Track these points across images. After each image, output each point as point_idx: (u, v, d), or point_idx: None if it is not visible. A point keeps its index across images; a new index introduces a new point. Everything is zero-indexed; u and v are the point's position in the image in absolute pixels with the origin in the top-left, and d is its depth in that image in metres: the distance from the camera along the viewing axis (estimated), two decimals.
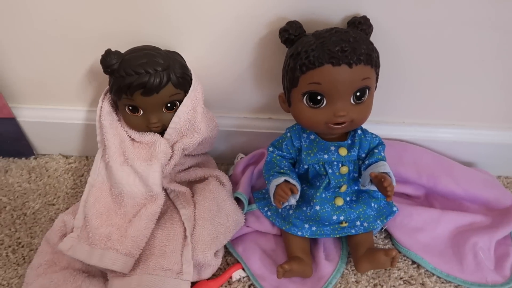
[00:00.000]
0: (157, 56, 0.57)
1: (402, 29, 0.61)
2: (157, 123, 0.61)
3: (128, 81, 0.56)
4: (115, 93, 0.59)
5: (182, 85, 0.60)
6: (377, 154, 0.61)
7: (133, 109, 0.60)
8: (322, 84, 0.53)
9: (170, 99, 0.59)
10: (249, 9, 0.59)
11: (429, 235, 0.66)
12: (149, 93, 0.57)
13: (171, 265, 0.57)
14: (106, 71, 0.58)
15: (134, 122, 0.61)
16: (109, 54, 0.57)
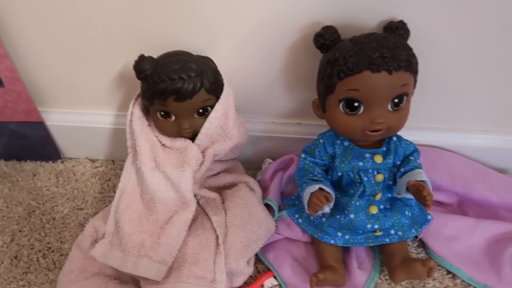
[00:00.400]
0: (190, 62, 0.57)
1: (436, 33, 0.60)
2: (189, 128, 0.60)
3: (161, 87, 0.56)
4: (148, 98, 0.59)
5: (214, 90, 0.59)
6: (413, 162, 0.59)
7: (165, 115, 0.59)
8: (360, 91, 0.52)
9: (202, 104, 0.59)
10: (282, 13, 0.58)
11: (464, 244, 0.65)
12: (182, 99, 0.56)
13: (205, 273, 0.56)
14: (139, 77, 0.58)
15: (166, 128, 0.61)
16: (143, 60, 0.56)
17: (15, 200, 0.74)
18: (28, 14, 0.62)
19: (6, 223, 0.70)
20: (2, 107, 0.71)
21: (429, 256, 0.65)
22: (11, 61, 0.64)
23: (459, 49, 0.62)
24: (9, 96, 0.69)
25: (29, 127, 0.74)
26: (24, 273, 0.64)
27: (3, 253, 0.66)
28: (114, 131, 0.75)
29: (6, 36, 0.64)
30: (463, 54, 0.62)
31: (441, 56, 0.62)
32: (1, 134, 0.76)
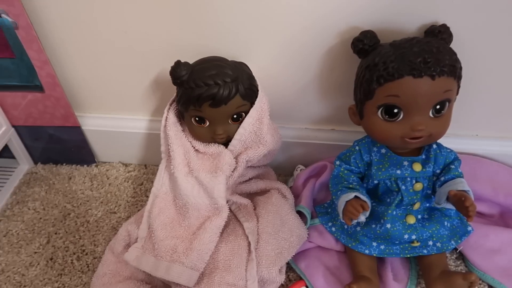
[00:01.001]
0: (226, 67, 0.57)
1: (479, 37, 0.58)
2: (223, 134, 0.60)
3: (197, 92, 0.56)
4: (184, 104, 0.59)
5: (249, 96, 0.59)
6: (454, 171, 0.57)
7: (199, 120, 0.60)
8: (401, 97, 0.50)
9: (237, 110, 0.59)
10: (320, 18, 0.58)
11: (507, 258, 0.62)
12: (217, 105, 0.56)
13: (236, 281, 0.55)
14: (175, 82, 0.58)
15: (200, 133, 0.61)
16: (179, 65, 0.57)
17: (51, 203, 0.76)
18: (68, 22, 0.63)
19: (43, 225, 0.72)
20: (41, 112, 0.73)
21: (469, 269, 0.62)
22: (51, 68, 0.66)
23: (503, 54, 0.59)
24: (49, 102, 0.71)
25: (66, 132, 0.76)
26: (59, 275, 0.65)
27: (39, 255, 0.68)
28: (148, 136, 0.76)
29: (48, 44, 0.66)
30: (508, 59, 0.60)
31: (485, 61, 0.60)
32: (40, 138, 0.78)
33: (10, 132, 0.77)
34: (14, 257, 0.67)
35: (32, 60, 0.66)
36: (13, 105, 0.73)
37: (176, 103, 0.62)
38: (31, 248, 0.69)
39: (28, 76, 0.68)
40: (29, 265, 0.66)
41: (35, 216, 0.74)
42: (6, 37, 0.63)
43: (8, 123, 0.76)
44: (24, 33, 0.62)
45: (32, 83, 0.69)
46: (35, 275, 0.65)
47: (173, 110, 0.63)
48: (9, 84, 0.70)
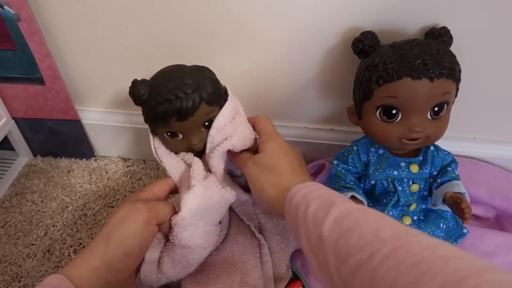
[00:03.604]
0: (185, 77, 0.53)
1: (479, 41, 0.58)
2: (199, 143, 0.56)
3: (160, 109, 0.52)
4: (151, 122, 0.56)
5: (216, 100, 0.55)
6: (451, 173, 0.57)
7: (172, 135, 0.56)
8: (399, 98, 0.50)
9: (206, 118, 0.55)
10: (321, 18, 0.58)
11: (501, 261, 0.62)
12: (184, 118, 0.53)
13: (256, 281, 0.56)
14: (136, 103, 0.55)
15: (176, 147, 0.57)
16: (136, 85, 0.53)
17: (49, 196, 0.76)
18: (70, 15, 0.64)
19: (41, 217, 0.72)
20: (41, 104, 0.73)
21: None
22: (53, 60, 0.67)
23: (502, 57, 0.60)
24: (49, 94, 0.71)
25: (66, 125, 0.76)
26: (56, 267, 0.66)
27: (37, 247, 0.68)
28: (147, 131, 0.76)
29: (49, 37, 0.66)
30: (507, 63, 0.60)
31: (484, 64, 0.60)
32: (40, 131, 0.79)
33: (10, 124, 0.77)
34: (11, 248, 0.68)
35: (33, 53, 0.66)
36: (14, 97, 0.73)
37: (144, 121, 0.58)
38: (29, 239, 0.69)
39: (29, 69, 0.68)
40: (26, 257, 0.67)
41: (33, 208, 0.74)
42: (8, 29, 0.63)
43: (8, 115, 0.76)
44: (26, 25, 0.63)
45: (33, 75, 0.69)
46: (32, 267, 0.65)
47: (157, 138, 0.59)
48: (10, 76, 0.70)
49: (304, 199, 0.43)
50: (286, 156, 0.52)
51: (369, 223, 0.37)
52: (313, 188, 0.44)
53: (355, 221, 0.37)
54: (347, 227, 0.37)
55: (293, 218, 0.44)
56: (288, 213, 0.45)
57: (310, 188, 0.44)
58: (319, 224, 0.39)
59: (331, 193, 0.43)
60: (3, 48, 0.66)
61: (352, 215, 0.38)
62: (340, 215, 0.39)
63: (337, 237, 0.37)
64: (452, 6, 0.54)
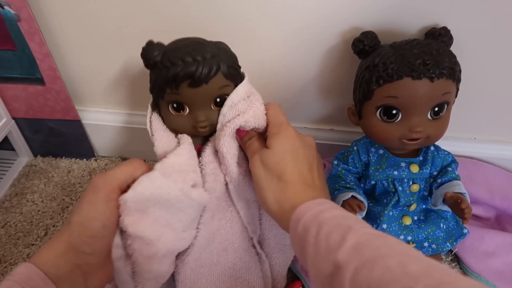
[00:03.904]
0: (204, 44, 0.50)
1: (479, 41, 0.58)
2: (205, 121, 0.50)
3: (174, 71, 0.47)
4: (159, 89, 0.50)
5: (232, 76, 0.50)
6: (451, 173, 0.57)
7: (177, 107, 0.50)
8: (400, 98, 0.50)
9: (220, 92, 0.50)
10: (321, 18, 0.58)
11: (501, 261, 0.62)
12: (197, 84, 0.48)
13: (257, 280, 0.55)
14: (147, 64, 0.50)
15: (179, 123, 0.51)
16: (151, 46, 0.49)
17: (50, 196, 0.76)
18: (70, 16, 0.64)
19: (41, 217, 0.72)
20: (42, 105, 0.73)
21: (463, 271, 0.63)
22: (53, 61, 0.67)
23: (503, 58, 0.60)
24: (49, 95, 0.71)
25: (66, 125, 0.76)
26: None
27: (37, 247, 0.68)
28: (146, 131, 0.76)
29: (49, 37, 0.66)
30: (507, 63, 0.60)
31: (484, 65, 0.60)
32: (40, 131, 0.79)
33: (10, 124, 0.77)
34: (11, 248, 0.68)
35: (33, 53, 0.66)
36: (14, 97, 0.73)
37: (150, 91, 0.53)
38: (29, 239, 0.69)
39: (29, 69, 0.68)
40: (27, 257, 0.67)
41: (33, 208, 0.74)
42: (8, 29, 0.63)
43: (8, 115, 0.76)
44: (26, 25, 0.63)
45: (33, 75, 0.69)
46: None
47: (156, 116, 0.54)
48: (10, 76, 0.70)
49: (314, 220, 0.39)
50: (296, 159, 0.46)
51: (393, 254, 0.33)
52: (324, 207, 0.40)
53: (377, 250, 0.34)
54: (368, 257, 0.34)
55: (300, 239, 0.40)
56: (294, 233, 0.41)
57: (320, 207, 0.40)
58: (333, 250, 0.36)
59: (345, 215, 0.40)
60: (3, 48, 0.66)
61: (372, 243, 0.35)
62: (358, 242, 0.35)
63: (357, 267, 0.33)
64: (452, 6, 0.55)
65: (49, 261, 0.41)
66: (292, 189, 0.44)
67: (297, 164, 0.46)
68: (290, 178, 0.44)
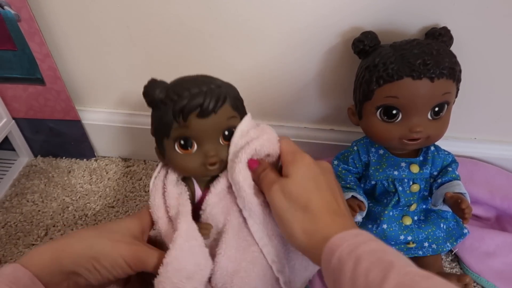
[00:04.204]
0: (207, 77, 0.49)
1: (479, 41, 0.58)
2: (215, 157, 0.47)
3: (181, 103, 0.45)
4: (164, 125, 0.47)
5: (238, 108, 0.49)
6: (451, 173, 0.57)
7: (185, 144, 0.47)
8: (400, 98, 0.50)
9: (228, 123, 0.48)
10: (321, 18, 0.58)
11: (502, 261, 0.62)
12: (207, 113, 0.46)
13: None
14: (150, 102, 0.48)
15: (187, 163, 0.48)
16: (154, 83, 0.47)
17: (50, 196, 0.76)
18: (70, 16, 0.64)
19: (41, 217, 0.72)
20: (42, 105, 0.73)
21: (463, 271, 0.63)
22: (53, 61, 0.67)
23: (503, 57, 0.60)
24: (49, 95, 0.72)
25: (67, 125, 0.77)
26: None
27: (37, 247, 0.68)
28: (148, 131, 0.76)
29: (50, 37, 0.66)
30: (507, 63, 0.60)
31: (484, 65, 0.60)
32: (40, 131, 0.79)
33: (11, 124, 0.77)
34: (12, 248, 0.68)
35: (33, 53, 0.66)
36: (14, 98, 0.73)
37: (153, 132, 0.50)
38: (29, 239, 0.69)
39: (29, 69, 0.68)
40: None
41: (33, 208, 0.74)
42: (9, 29, 0.63)
43: (8, 115, 0.76)
44: (26, 26, 0.63)
45: (34, 75, 0.69)
46: None
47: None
48: (10, 76, 0.70)
49: (351, 254, 0.36)
50: (319, 187, 0.43)
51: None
52: (361, 239, 0.38)
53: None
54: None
55: (334, 273, 0.37)
56: (327, 266, 0.38)
57: (357, 239, 0.38)
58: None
59: (384, 248, 0.37)
60: (4, 49, 0.66)
61: (417, 284, 0.32)
62: (402, 282, 0.33)
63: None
64: (452, 6, 0.55)
65: (37, 264, 0.41)
66: (321, 219, 0.41)
67: (321, 192, 0.43)
68: (316, 208, 0.42)
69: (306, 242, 0.41)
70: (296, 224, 0.42)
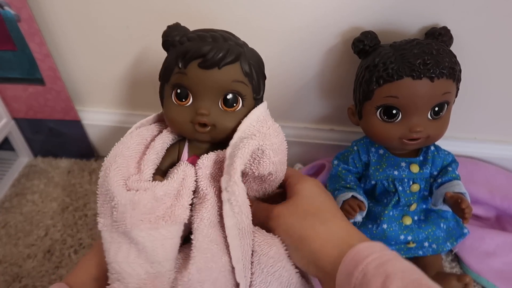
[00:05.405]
0: (232, 34, 0.45)
1: (479, 40, 0.58)
2: (206, 117, 0.42)
3: (186, 47, 0.42)
4: (167, 67, 0.45)
5: (252, 76, 0.44)
6: (451, 173, 0.57)
7: (181, 93, 0.43)
8: (400, 98, 0.50)
9: (232, 86, 0.43)
10: (321, 18, 0.58)
11: (501, 261, 0.62)
12: (208, 65, 0.41)
13: None
14: (165, 42, 0.46)
15: (177, 116, 0.44)
16: (177, 26, 0.46)
17: (50, 196, 0.76)
18: (70, 16, 0.64)
19: (41, 217, 0.72)
20: (42, 105, 0.73)
21: (464, 271, 0.63)
22: (53, 61, 0.67)
23: (503, 57, 0.60)
24: (49, 95, 0.72)
25: (66, 125, 0.77)
26: (56, 268, 0.65)
27: (37, 247, 0.68)
28: None
29: (49, 37, 0.66)
30: (507, 63, 0.60)
31: (484, 64, 0.60)
32: (40, 131, 0.79)
33: (11, 124, 0.77)
34: (12, 248, 0.68)
35: (33, 53, 0.66)
36: (14, 98, 0.73)
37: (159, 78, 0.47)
38: (29, 240, 0.69)
39: (29, 69, 0.68)
40: (27, 257, 0.67)
41: (33, 208, 0.74)
42: (8, 30, 0.63)
43: (8, 116, 0.76)
44: (26, 26, 0.63)
45: (33, 76, 0.69)
46: (32, 267, 0.65)
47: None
48: (10, 76, 0.70)
49: (380, 269, 0.32)
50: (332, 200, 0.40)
51: None
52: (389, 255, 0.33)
53: None
54: None
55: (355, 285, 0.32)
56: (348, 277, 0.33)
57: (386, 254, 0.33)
58: None
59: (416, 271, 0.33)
60: (4, 49, 0.66)
61: None
62: None
63: None
64: (452, 6, 0.55)
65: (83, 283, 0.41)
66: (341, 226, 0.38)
67: (332, 199, 0.41)
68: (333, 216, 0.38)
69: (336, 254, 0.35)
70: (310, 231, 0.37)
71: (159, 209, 0.40)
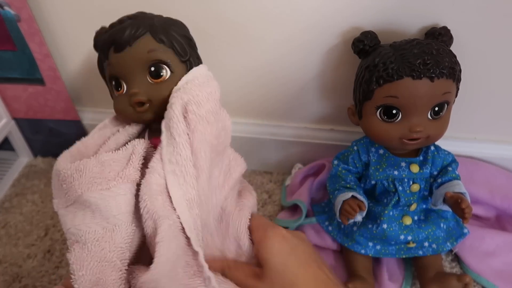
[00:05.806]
0: (144, 13, 0.47)
1: (479, 40, 0.58)
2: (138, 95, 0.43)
3: (101, 40, 0.45)
4: (100, 68, 0.47)
5: (169, 41, 0.44)
6: (451, 173, 0.57)
7: (116, 84, 0.45)
8: (400, 98, 0.50)
9: (149, 56, 0.43)
10: (321, 18, 0.58)
11: (502, 261, 0.62)
12: (120, 47, 0.42)
13: None
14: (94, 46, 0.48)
15: (118, 105, 0.46)
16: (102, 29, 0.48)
17: (50, 196, 0.76)
18: (70, 16, 0.64)
19: (41, 218, 0.72)
20: (42, 105, 0.73)
21: (464, 271, 0.63)
22: (53, 61, 0.67)
23: (503, 57, 0.60)
24: (49, 95, 0.72)
25: (67, 125, 0.77)
26: (56, 267, 0.66)
27: (37, 247, 0.68)
28: None
29: (49, 37, 0.66)
30: (508, 63, 0.60)
31: (484, 64, 0.60)
32: (40, 132, 0.79)
33: (11, 124, 0.77)
34: (12, 248, 0.68)
35: (33, 53, 0.66)
36: (14, 98, 0.73)
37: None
38: (29, 240, 0.69)
39: (29, 69, 0.68)
40: (27, 257, 0.67)
41: (33, 208, 0.74)
42: (8, 30, 0.63)
43: (8, 116, 0.76)
44: (26, 26, 0.63)
45: (33, 76, 0.69)
46: (32, 267, 0.65)
47: None
48: (10, 76, 0.70)
49: None
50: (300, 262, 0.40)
51: None
52: None
53: None
54: None
55: None
56: None
57: None
58: None
59: None
60: (3, 49, 0.66)
61: None
62: None
63: None
64: (452, 6, 0.55)
65: None
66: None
67: (305, 266, 0.40)
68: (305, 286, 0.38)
69: None
70: None
71: (110, 174, 0.41)
